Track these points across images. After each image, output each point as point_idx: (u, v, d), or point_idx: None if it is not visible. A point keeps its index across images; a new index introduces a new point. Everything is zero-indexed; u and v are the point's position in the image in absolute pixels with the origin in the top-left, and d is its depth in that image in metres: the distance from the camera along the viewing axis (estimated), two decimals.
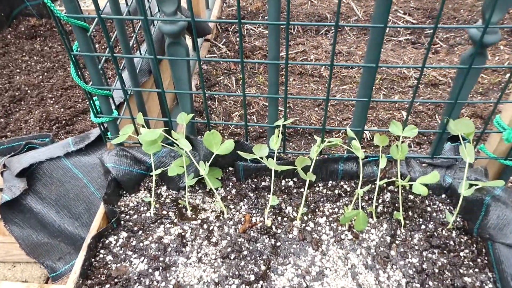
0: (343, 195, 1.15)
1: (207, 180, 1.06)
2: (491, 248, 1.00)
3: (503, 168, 1.17)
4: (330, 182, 1.17)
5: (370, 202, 1.12)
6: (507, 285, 0.92)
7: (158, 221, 1.07)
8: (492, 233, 1.00)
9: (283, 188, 1.15)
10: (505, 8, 0.85)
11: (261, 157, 1.04)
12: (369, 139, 1.66)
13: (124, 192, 1.14)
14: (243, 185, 1.16)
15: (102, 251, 1.01)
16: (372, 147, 1.62)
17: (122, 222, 1.06)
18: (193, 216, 1.09)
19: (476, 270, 1.00)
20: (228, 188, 1.16)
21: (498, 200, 1.02)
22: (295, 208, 1.11)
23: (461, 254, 1.03)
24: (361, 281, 0.97)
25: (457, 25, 2.22)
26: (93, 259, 0.98)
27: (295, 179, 1.17)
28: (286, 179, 1.17)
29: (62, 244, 1.25)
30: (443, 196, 1.14)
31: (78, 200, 1.25)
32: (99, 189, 1.24)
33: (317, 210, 1.12)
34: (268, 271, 0.99)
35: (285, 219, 1.09)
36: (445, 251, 1.04)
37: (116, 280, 0.95)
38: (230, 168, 1.19)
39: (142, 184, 1.16)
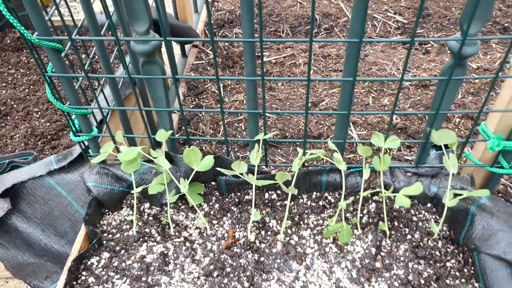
0: (328, 206, 1.13)
1: (188, 197, 1.05)
2: (476, 259, 0.99)
3: (490, 175, 1.16)
4: (314, 193, 1.16)
5: (355, 213, 1.11)
6: None
7: (141, 239, 1.07)
8: (477, 243, 0.99)
9: (266, 201, 1.14)
10: (484, 19, 0.84)
11: (241, 173, 1.02)
12: (356, 144, 1.64)
13: (107, 210, 1.13)
14: (226, 200, 1.15)
15: (84, 273, 1.00)
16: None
17: (104, 242, 1.06)
18: (176, 233, 1.08)
19: (463, 280, 0.99)
20: (211, 203, 1.15)
21: (484, 210, 1.01)
22: (279, 222, 1.10)
23: (448, 264, 1.02)
24: None
25: (436, 38, 2.20)
26: (74, 282, 0.98)
27: (278, 192, 1.16)
28: (270, 192, 1.16)
29: (49, 263, 1.24)
30: (429, 205, 1.12)
31: (63, 218, 1.24)
32: (83, 207, 1.23)
33: (301, 222, 1.11)
34: (251, 287, 0.98)
35: (269, 233, 1.08)
36: (431, 262, 1.03)
37: None
38: (213, 183, 1.18)
39: (124, 201, 1.15)
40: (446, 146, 1.03)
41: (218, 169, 1.02)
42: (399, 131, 1.69)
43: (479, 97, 1.86)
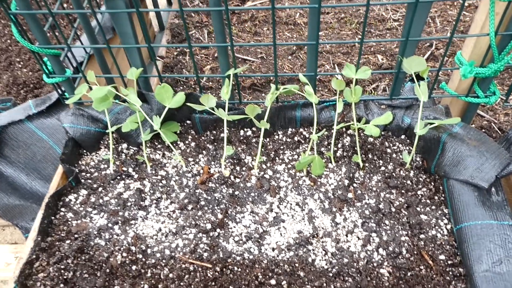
0: (303, 141, 1.14)
1: (162, 134, 1.06)
2: (446, 185, 1.00)
3: (467, 105, 1.15)
4: (290, 129, 1.16)
5: (329, 147, 1.12)
6: (458, 218, 0.93)
7: (118, 177, 1.09)
8: (447, 170, 1.00)
9: (241, 138, 1.15)
10: None
11: (212, 108, 1.03)
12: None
13: (85, 151, 1.15)
14: (202, 138, 1.16)
15: (62, 209, 1.03)
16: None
17: (82, 180, 1.08)
18: (153, 171, 1.10)
19: (433, 207, 1.01)
20: (187, 142, 1.16)
21: (455, 137, 1.01)
22: (254, 157, 1.11)
23: (419, 192, 1.04)
24: (317, 224, 0.99)
25: None
26: (53, 217, 1.01)
27: (254, 129, 1.16)
28: (245, 129, 1.16)
29: (34, 205, 1.27)
30: (403, 137, 1.13)
31: (46, 161, 1.26)
32: None
33: (276, 158, 1.12)
34: (225, 219, 1.00)
35: (244, 168, 1.10)
36: (402, 191, 1.04)
37: (76, 235, 0.97)
38: (189, 122, 1.18)
39: (102, 142, 1.16)
40: (419, 78, 1.02)
41: (189, 104, 1.03)
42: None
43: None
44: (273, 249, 0.95)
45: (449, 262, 0.91)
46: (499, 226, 0.89)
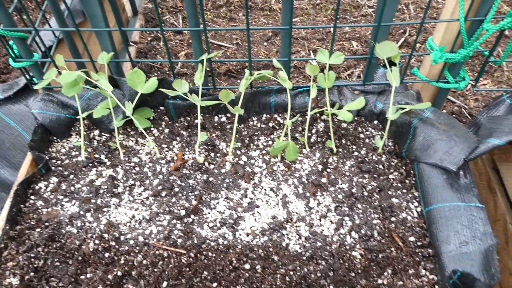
0: (277, 127, 1.14)
1: (135, 120, 1.04)
2: (416, 168, 1.02)
3: (438, 91, 1.17)
4: (264, 115, 1.16)
5: (303, 133, 1.12)
6: (427, 201, 0.95)
7: (90, 164, 1.07)
8: (417, 154, 1.02)
9: (216, 124, 1.14)
10: None
11: (186, 94, 1.02)
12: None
13: (55, 138, 1.12)
14: (176, 124, 1.14)
15: (32, 197, 1.01)
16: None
17: (53, 168, 1.06)
18: (126, 158, 1.08)
19: (404, 191, 1.03)
20: (161, 128, 1.14)
21: (426, 122, 1.03)
22: (229, 144, 1.11)
23: (390, 176, 1.06)
24: (292, 209, 1.00)
25: None
26: (22, 205, 0.98)
27: (228, 115, 1.16)
28: (219, 115, 1.16)
29: (3, 194, 1.24)
30: (375, 122, 1.14)
31: (15, 149, 1.23)
32: None
33: (251, 144, 1.12)
34: (199, 205, 1.00)
35: (218, 154, 1.09)
36: (375, 175, 1.06)
37: (47, 223, 0.95)
38: (162, 108, 1.17)
39: (73, 129, 1.14)
40: (392, 63, 1.03)
41: (161, 89, 1.01)
42: None
43: None
44: (248, 234, 0.95)
45: (419, 243, 0.94)
46: (467, 207, 0.91)
